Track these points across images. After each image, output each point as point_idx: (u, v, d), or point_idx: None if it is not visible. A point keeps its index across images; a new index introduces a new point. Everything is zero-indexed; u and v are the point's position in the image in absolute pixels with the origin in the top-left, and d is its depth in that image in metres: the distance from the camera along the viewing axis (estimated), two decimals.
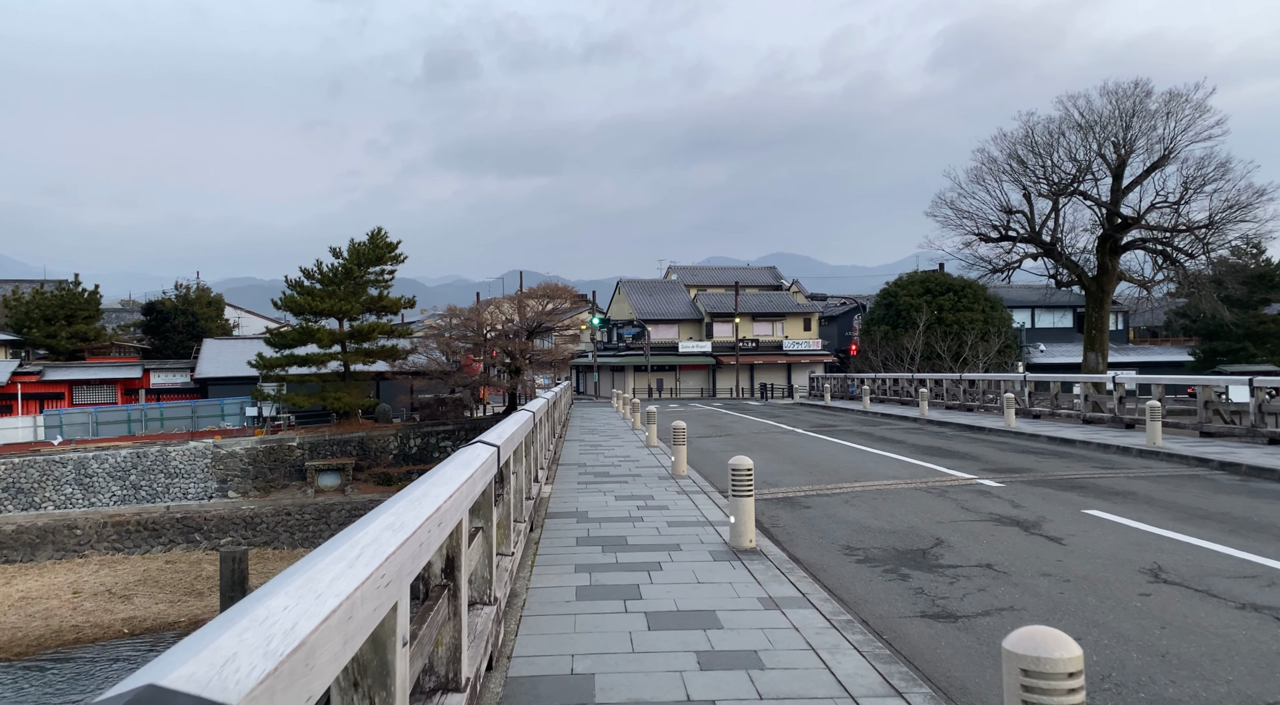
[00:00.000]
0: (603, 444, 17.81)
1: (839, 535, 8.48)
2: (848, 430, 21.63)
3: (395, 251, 40.66)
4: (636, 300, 64.48)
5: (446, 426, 39.65)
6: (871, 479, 12.31)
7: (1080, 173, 42.07)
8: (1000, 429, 19.55)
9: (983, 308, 39.92)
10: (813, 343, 64.85)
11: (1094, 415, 19.61)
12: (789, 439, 19.56)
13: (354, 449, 38.18)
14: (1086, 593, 6.15)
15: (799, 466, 14.07)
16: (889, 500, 10.43)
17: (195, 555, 30.16)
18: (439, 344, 42.78)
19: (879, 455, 15.46)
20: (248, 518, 32.25)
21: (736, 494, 7.31)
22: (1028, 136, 42.46)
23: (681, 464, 12.33)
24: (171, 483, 34.92)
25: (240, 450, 36.35)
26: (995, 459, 14.55)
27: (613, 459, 14.81)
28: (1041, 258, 45.34)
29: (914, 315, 39.59)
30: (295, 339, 37.99)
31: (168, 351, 50.06)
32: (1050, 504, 9.90)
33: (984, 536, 8.18)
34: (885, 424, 23.58)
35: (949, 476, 12.39)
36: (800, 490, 11.42)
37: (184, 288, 56.79)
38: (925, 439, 18.70)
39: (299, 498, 35.86)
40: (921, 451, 15.94)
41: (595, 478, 12.21)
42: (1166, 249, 41.34)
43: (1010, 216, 44.63)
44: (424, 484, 3.44)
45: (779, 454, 16.18)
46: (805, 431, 21.49)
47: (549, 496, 10.44)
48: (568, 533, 8.17)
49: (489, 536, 4.71)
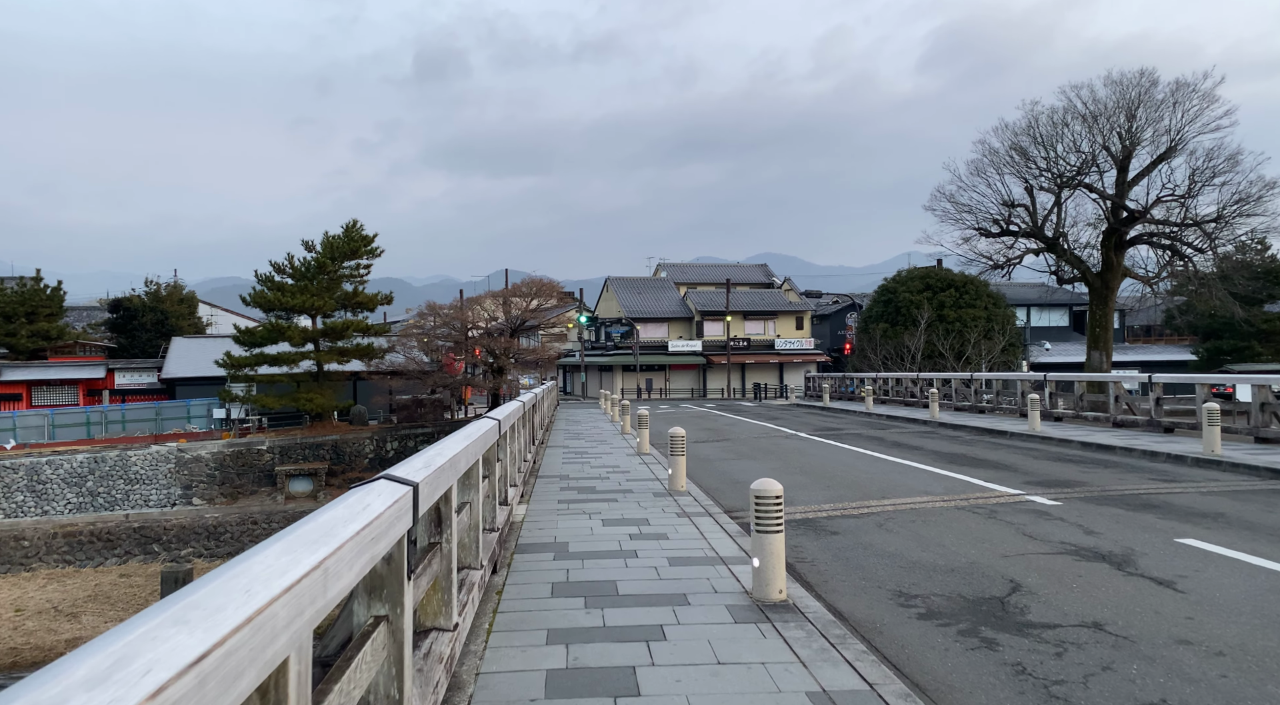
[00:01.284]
0: (589, 451, 16.01)
1: (885, 575, 6.72)
2: (855, 434, 19.91)
3: (371, 245, 38.70)
4: (625, 298, 62.70)
5: (425, 429, 37.74)
6: (900, 495, 10.57)
7: (1085, 164, 40.59)
8: (1024, 433, 17.88)
9: (985, 305, 38.32)
10: (805, 342, 63.25)
11: (1126, 418, 17.97)
12: (794, 445, 17.82)
13: (327, 453, 36.25)
14: (1261, 676, 4.41)
15: (814, 479, 12.32)
16: (931, 524, 8.69)
17: (153, 568, 28.14)
18: (419, 342, 40.85)
19: (900, 465, 13.73)
20: (211, 527, 30.26)
21: (762, 529, 5.55)
22: (1031, 127, 40.95)
23: (680, 478, 10.55)
24: (131, 489, 32.89)
25: (206, 454, 34.35)
26: (1034, 469, 12.84)
27: (600, 470, 13.02)
28: (1043, 253, 43.87)
29: (914, 312, 37.95)
30: (265, 337, 35.99)
31: (135, 351, 47.87)
32: (1130, 529, 8.17)
33: (1070, 578, 6.44)
34: (894, 427, 21.87)
35: (990, 491, 10.66)
36: (821, 510, 9.67)
37: (154, 284, 54.59)
38: (944, 444, 17.00)
39: (268, 504, 33.92)
40: (946, 460, 14.22)
41: (579, 494, 10.42)
42: (1175, 244, 39.90)
43: (1012, 210, 43.12)
44: (264, 556, 1.72)
45: (787, 463, 14.43)
46: (810, 436, 19.76)
47: (522, 520, 8.64)
48: (541, 575, 6.37)
49: (398, 631, 2.92)
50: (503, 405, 8.36)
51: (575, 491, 10.64)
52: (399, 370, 38.81)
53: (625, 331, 61.65)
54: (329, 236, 37.74)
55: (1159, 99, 39.46)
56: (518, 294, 42.16)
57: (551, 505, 9.57)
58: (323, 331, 36.90)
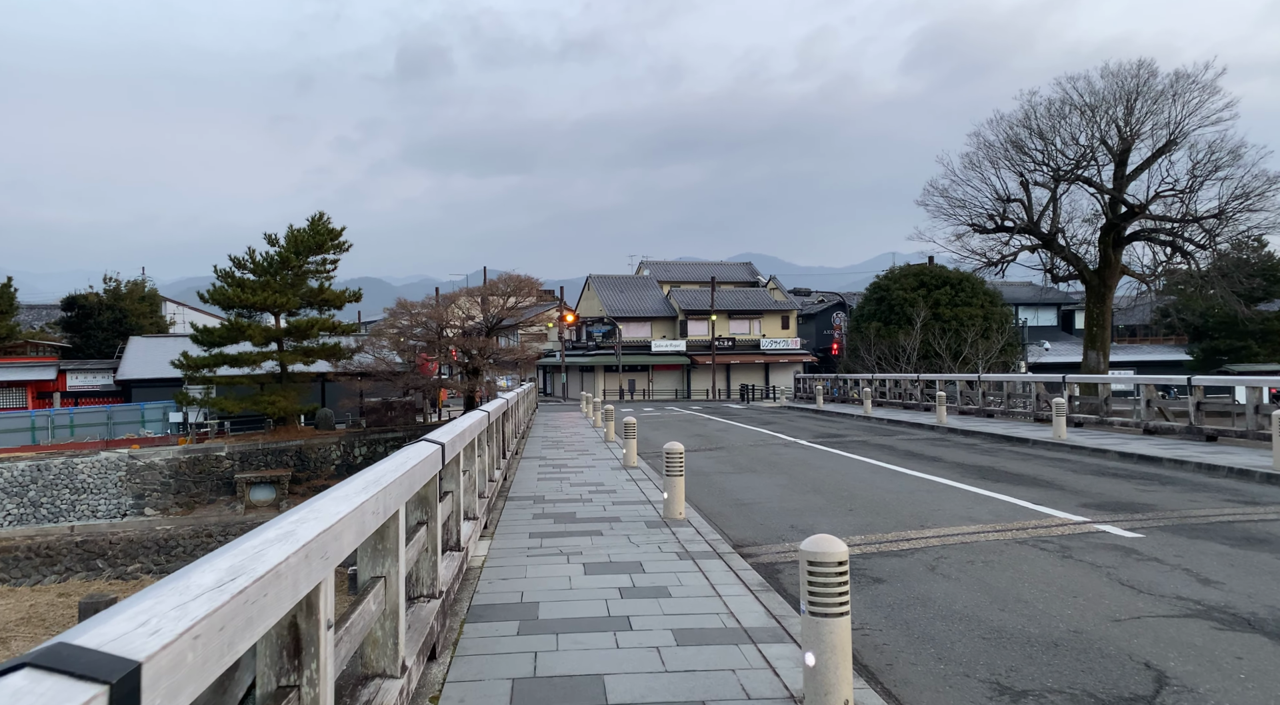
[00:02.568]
0: (569, 464, 14.18)
1: (966, 652, 4.96)
2: (860, 442, 18.20)
3: (340, 240, 36.62)
4: (607, 297, 60.86)
5: (395, 433, 35.71)
6: (941, 522, 8.83)
7: (1083, 158, 39.24)
8: (1047, 440, 16.23)
9: (982, 303, 36.82)
10: (791, 342, 61.72)
11: (1158, 424, 16.38)
12: (796, 454, 16.07)
13: (291, 459, 34.15)
14: None
15: (831, 499, 10.55)
16: (995, 566, 6.95)
17: (96, 585, 25.94)
18: (392, 342, 38.77)
19: (926, 481, 12.00)
20: (161, 540, 28.11)
21: (820, 609, 3.76)
22: (1027, 118, 39.53)
23: (678, 503, 8.74)
24: (78, 499, 30.67)
25: (160, 461, 32.17)
26: (1082, 487, 11.15)
27: (581, 488, 11.20)
28: (1038, 250, 42.50)
29: (909, 310, 36.36)
30: (224, 336, 33.83)
31: (90, 351, 45.41)
32: (1255, 577, 6.45)
33: (1227, 662, 4.70)
34: (900, 433, 20.17)
35: (1047, 518, 8.94)
36: (852, 543, 7.89)
37: (114, 281, 52.06)
38: (963, 454, 15.31)
39: (226, 515, 31.80)
40: (975, 475, 12.51)
41: (556, 525, 8.59)
42: (1175, 240, 38.61)
43: (1007, 205, 41.73)
44: None
45: (794, 478, 12.67)
46: (811, 444, 18.02)
47: (482, 565, 6.81)
48: (498, 665, 4.55)
49: None
50: (454, 422, 6.53)
51: (551, 520, 8.81)
52: (368, 371, 36.76)
53: (607, 331, 59.82)
54: (294, 230, 35.62)
55: (1158, 90, 38.14)
56: (495, 292, 40.16)
57: (520, 542, 7.74)
58: (286, 330, 34.79)
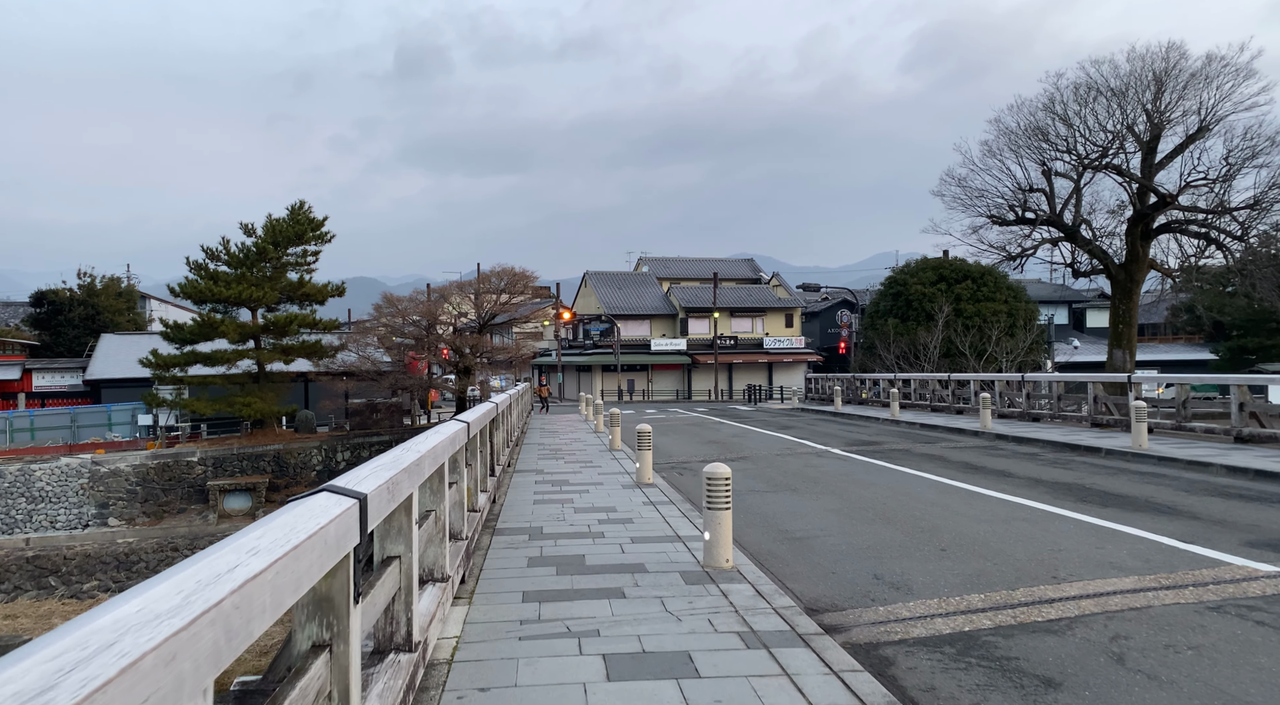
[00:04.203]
0: (570, 480, 11.89)
1: None
2: (902, 450, 15.94)
3: (321, 230, 34.28)
4: (605, 294, 58.57)
5: (381, 437, 33.37)
6: (1074, 570, 6.56)
7: (1110, 144, 37.05)
8: (1125, 450, 13.99)
9: (1005, 298, 34.63)
10: (796, 340, 59.49)
11: (1254, 431, 14.16)
12: (835, 466, 13.80)
13: (269, 464, 31.80)
14: None
15: (905, 530, 8.27)
16: (1209, 654, 4.68)
17: (48, 606, 23.60)
18: (380, 339, 36.41)
19: (1011, 503, 9.73)
20: (122, 554, 25.76)
21: None
22: (1052, 103, 37.31)
23: (723, 547, 6.45)
24: (35, 509, 28.30)
25: (126, 467, 29.79)
26: (1220, 514, 8.89)
27: (589, 516, 8.92)
28: (1061, 243, 40.36)
29: (928, 306, 34.15)
30: (197, 333, 31.49)
31: (61, 348, 43.01)
32: None
33: None
34: (943, 439, 17.91)
35: (1216, 564, 6.67)
36: (972, 610, 5.61)
37: (88, 276, 49.64)
38: (1031, 466, 13.06)
39: (198, 525, 29.47)
40: (1067, 495, 10.25)
41: (559, 577, 6.30)
42: (1208, 231, 36.47)
43: (1028, 196, 39.55)
44: None
45: (846, 498, 10.40)
46: (847, 453, 15.75)
47: (450, 658, 4.52)
48: None
49: None
50: (412, 443, 4.25)
51: (552, 570, 6.51)
52: (351, 370, 34.43)
53: (605, 329, 57.54)
54: (272, 219, 33.28)
55: (1190, 74, 35.93)
56: (488, 286, 37.79)
57: (509, 610, 5.45)
58: (264, 326, 32.44)
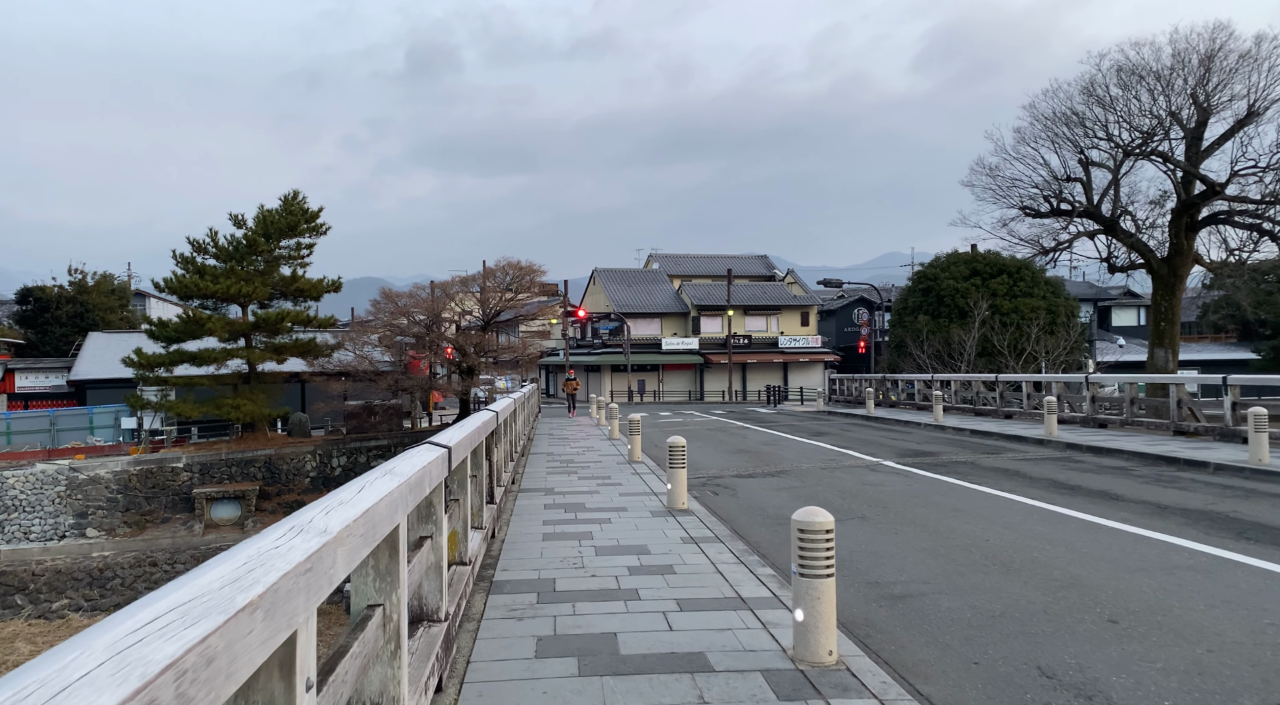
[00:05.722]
0: (586, 505, 9.82)
1: None
2: (967, 463, 13.83)
3: (316, 222, 32.30)
4: (614, 292, 56.51)
5: (379, 441, 31.40)
6: None
7: (1154, 129, 34.83)
8: (1239, 465, 11.87)
9: (1044, 293, 32.53)
10: (812, 339, 57.37)
11: None
12: (900, 484, 11.71)
13: (259, 470, 29.85)
14: None
15: (1044, 588, 6.17)
16: None
17: (12, 627, 21.65)
18: (380, 338, 34.41)
19: (1160, 543, 7.61)
20: (96, 570, 23.79)
21: None
22: (1091, 86, 35.08)
23: (825, 630, 4.38)
24: (8, 519, 26.39)
25: (106, 474, 27.85)
26: None
27: (616, 565, 6.84)
28: (1098, 236, 38.16)
29: (961, 302, 32.06)
30: (182, 331, 29.54)
31: (47, 347, 41.17)
32: None
33: None
34: (1007, 449, 15.79)
35: None
36: None
37: (79, 272, 47.79)
38: (1143, 487, 10.94)
39: (182, 536, 27.52)
40: (1222, 529, 8.12)
41: (582, 677, 4.24)
42: (1260, 223, 34.22)
43: (1064, 186, 37.37)
44: None
45: (936, 534, 8.31)
46: (905, 467, 13.63)
47: None
48: None
49: None
50: (349, 488, 2.12)
51: (571, 667, 4.44)
52: (348, 370, 32.45)
53: (614, 328, 55.53)
54: (264, 210, 31.30)
55: (1238, 55, 33.63)
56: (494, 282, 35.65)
57: None
58: (255, 324, 30.47)
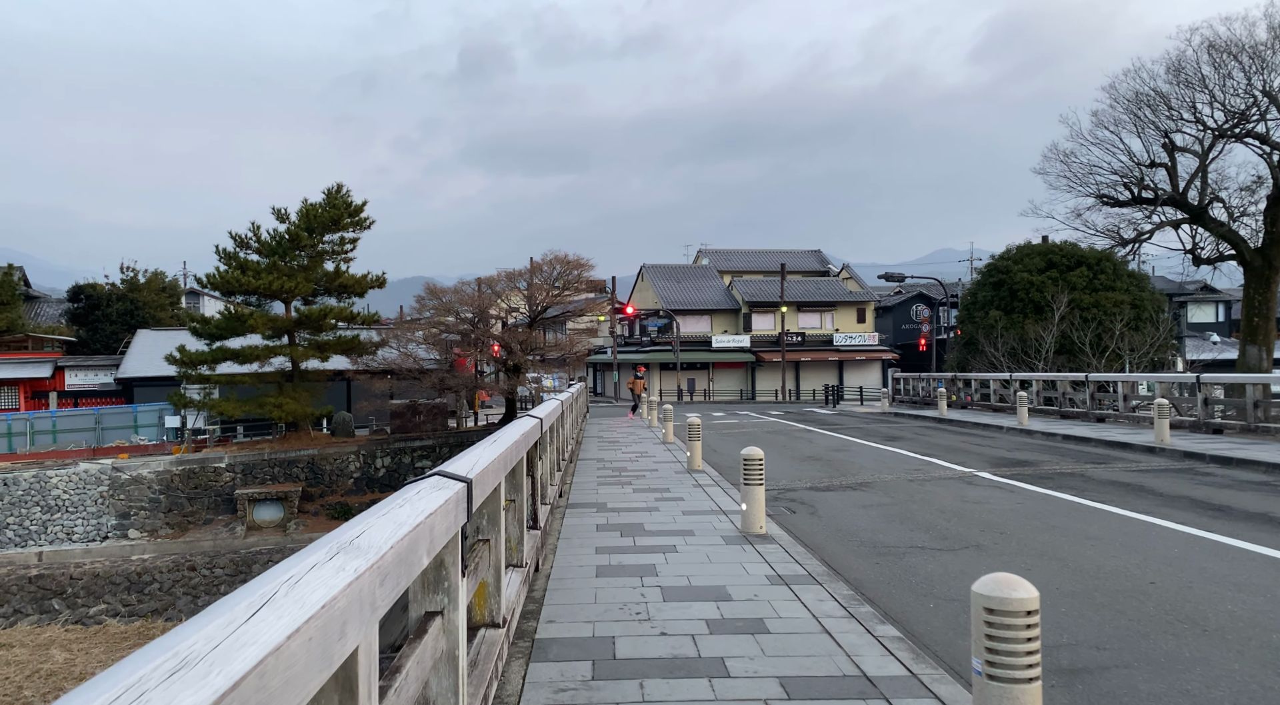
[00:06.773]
0: (645, 527, 8.41)
1: None
2: (1075, 475, 12.08)
3: (360, 216, 31.47)
4: (663, 288, 55.09)
5: (424, 441, 30.44)
6: None
7: (1248, 109, 32.22)
8: None
9: (1127, 287, 30.26)
10: (869, 337, 55.27)
11: None
12: (1007, 502, 10.07)
13: (302, 471, 29.08)
14: None
15: (1266, 663, 4.62)
16: None
17: (49, 633, 21.04)
18: (426, 335, 33.47)
19: None
20: (135, 574, 23.11)
21: None
22: (1178, 64, 32.58)
23: None
24: (51, 519, 25.92)
25: (149, 474, 27.29)
26: None
27: (690, 618, 5.42)
28: (1182, 226, 35.55)
29: (1035, 295, 29.98)
30: (224, 327, 28.91)
31: (98, 345, 41.15)
32: None
33: None
34: (1115, 459, 13.96)
35: None
36: None
37: (130, 270, 47.93)
38: None
39: (223, 538, 26.82)
40: None
41: None
42: None
43: (1146, 172, 34.87)
44: None
45: (1085, 575, 6.70)
46: (1004, 479, 11.95)
47: None
48: None
49: None
50: None
51: None
52: (391, 368, 31.55)
53: (663, 325, 54.13)
54: (307, 204, 30.55)
55: None
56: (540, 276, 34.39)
57: None
58: (298, 320, 29.73)
